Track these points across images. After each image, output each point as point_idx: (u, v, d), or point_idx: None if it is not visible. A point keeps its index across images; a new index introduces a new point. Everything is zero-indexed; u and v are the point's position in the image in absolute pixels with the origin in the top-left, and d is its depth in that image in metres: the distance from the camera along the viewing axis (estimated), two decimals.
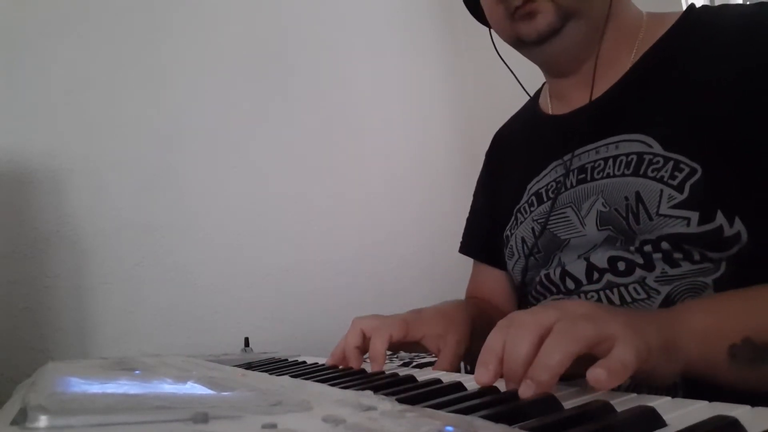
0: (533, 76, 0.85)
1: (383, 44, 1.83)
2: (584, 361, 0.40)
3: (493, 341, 0.45)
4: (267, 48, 1.58)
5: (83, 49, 1.32)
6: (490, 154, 0.97)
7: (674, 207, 0.59)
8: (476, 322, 0.76)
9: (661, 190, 0.60)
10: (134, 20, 1.39)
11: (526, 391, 0.39)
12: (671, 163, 0.60)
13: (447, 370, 0.67)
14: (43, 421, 0.30)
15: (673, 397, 0.37)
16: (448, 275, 1.50)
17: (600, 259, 0.65)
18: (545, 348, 0.40)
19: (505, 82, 0.89)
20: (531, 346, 0.41)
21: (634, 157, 0.64)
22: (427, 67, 1.94)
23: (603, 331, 0.41)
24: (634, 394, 0.39)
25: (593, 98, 0.72)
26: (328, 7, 1.72)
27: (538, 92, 0.89)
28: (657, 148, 0.62)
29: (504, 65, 0.84)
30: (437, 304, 0.78)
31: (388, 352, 0.71)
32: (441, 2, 1.97)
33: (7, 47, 1.23)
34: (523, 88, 0.86)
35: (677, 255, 0.60)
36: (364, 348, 0.68)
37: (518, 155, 0.86)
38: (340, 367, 0.68)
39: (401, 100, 1.84)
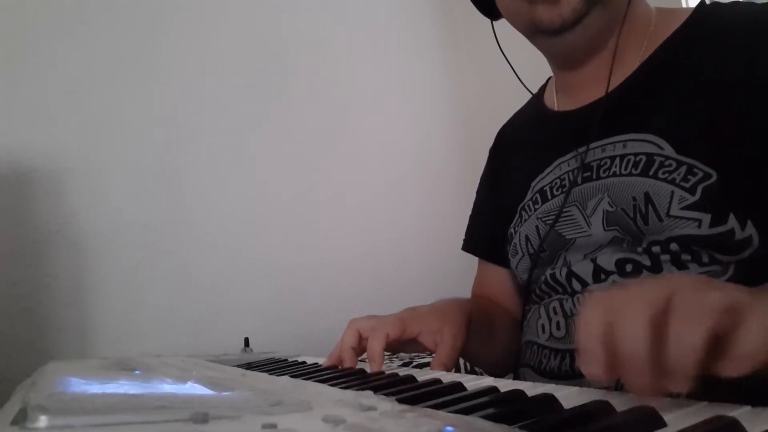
0: (534, 73, 0.84)
1: (383, 44, 1.83)
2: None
3: (592, 324, 0.36)
4: (267, 48, 1.58)
5: (83, 49, 1.32)
6: (493, 151, 0.96)
7: (685, 208, 0.58)
8: (473, 318, 0.75)
9: (672, 192, 0.59)
10: (134, 21, 1.39)
11: (680, 385, 0.32)
12: (684, 167, 0.59)
13: (445, 365, 0.67)
14: (43, 421, 0.30)
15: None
16: (448, 275, 1.50)
17: (607, 261, 0.64)
18: (677, 330, 0.32)
19: (505, 81, 0.88)
20: (649, 330, 0.33)
21: (643, 157, 0.62)
22: (427, 67, 1.93)
23: (731, 298, 0.33)
24: None
25: (603, 94, 0.69)
26: (327, 7, 1.72)
27: (543, 88, 0.88)
28: (669, 150, 0.61)
29: (504, 65, 0.84)
30: (433, 302, 0.77)
31: (387, 353, 0.71)
32: (441, 2, 1.97)
33: (7, 47, 1.23)
34: (523, 84, 0.85)
35: (685, 257, 0.59)
36: (360, 349, 0.68)
37: (522, 152, 0.85)
38: (339, 367, 0.68)
39: (401, 100, 1.84)
